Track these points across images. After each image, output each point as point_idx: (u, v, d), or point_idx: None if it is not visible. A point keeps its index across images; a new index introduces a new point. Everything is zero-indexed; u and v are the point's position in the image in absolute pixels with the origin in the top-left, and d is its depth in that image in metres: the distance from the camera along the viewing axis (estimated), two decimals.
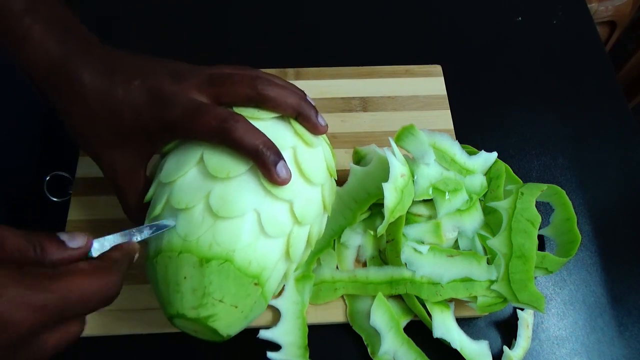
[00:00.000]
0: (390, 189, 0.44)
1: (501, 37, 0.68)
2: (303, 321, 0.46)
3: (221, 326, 0.35)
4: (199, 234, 0.35)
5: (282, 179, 0.36)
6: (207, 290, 0.34)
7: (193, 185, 0.36)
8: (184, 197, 0.36)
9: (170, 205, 0.37)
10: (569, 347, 0.49)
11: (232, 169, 0.36)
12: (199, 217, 0.35)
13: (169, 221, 0.36)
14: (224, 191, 0.36)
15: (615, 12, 1.07)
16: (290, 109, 0.38)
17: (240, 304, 0.36)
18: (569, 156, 0.59)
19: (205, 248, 0.35)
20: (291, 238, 0.38)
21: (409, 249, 0.47)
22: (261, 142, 0.36)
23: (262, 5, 0.69)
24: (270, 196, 0.37)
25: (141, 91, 0.36)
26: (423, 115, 0.59)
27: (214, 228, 0.35)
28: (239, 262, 0.35)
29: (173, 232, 0.36)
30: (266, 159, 0.35)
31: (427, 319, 0.46)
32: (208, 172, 0.36)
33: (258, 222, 0.36)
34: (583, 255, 0.54)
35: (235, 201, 0.36)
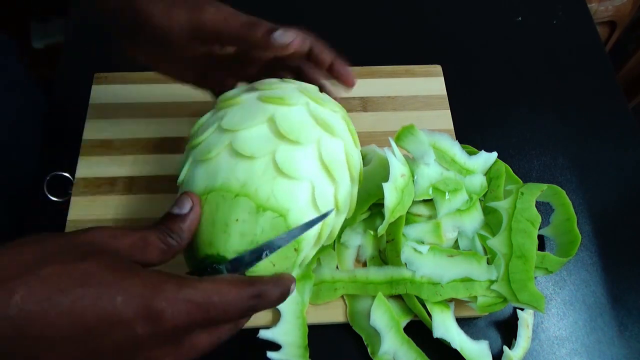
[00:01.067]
0: (390, 189, 0.45)
1: (501, 37, 0.68)
2: (303, 321, 0.46)
3: (231, 255, 0.35)
4: (259, 184, 0.36)
5: (353, 81, 0.44)
6: (255, 237, 0.35)
7: (260, 138, 0.38)
8: (249, 147, 0.37)
9: (232, 150, 0.37)
10: (569, 347, 0.49)
11: (303, 136, 0.38)
12: (261, 168, 0.36)
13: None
14: (290, 153, 0.37)
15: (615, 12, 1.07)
16: (329, 55, 0.44)
17: (277, 264, 0.36)
18: (569, 156, 0.59)
19: (263, 198, 0.35)
20: (328, 220, 0.39)
21: (409, 249, 0.47)
22: (319, 56, 0.42)
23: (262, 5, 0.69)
24: (324, 172, 0.39)
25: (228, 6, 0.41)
26: (423, 115, 0.59)
27: (274, 183, 0.36)
28: (290, 222, 0.36)
29: (231, 175, 0.36)
30: (339, 61, 0.44)
31: (427, 319, 0.46)
32: (279, 132, 0.38)
33: (312, 194, 0.38)
34: (583, 255, 0.54)
35: (299, 166, 0.37)
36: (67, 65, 0.63)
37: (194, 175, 0.38)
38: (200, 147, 0.40)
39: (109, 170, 0.54)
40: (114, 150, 0.55)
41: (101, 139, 0.55)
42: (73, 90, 0.61)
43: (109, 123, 0.56)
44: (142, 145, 0.55)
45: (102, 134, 0.56)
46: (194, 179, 0.38)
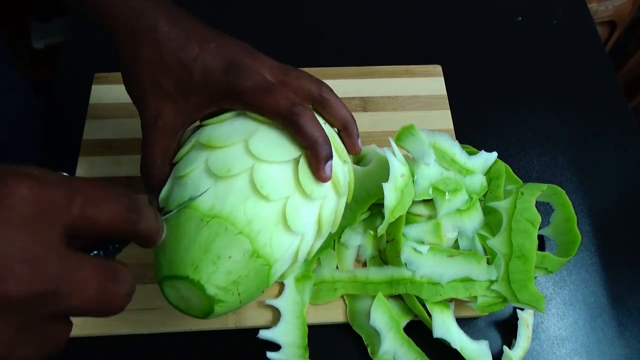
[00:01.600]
0: (390, 189, 0.45)
1: (501, 37, 0.68)
2: (303, 321, 0.46)
3: (219, 310, 0.35)
4: (262, 228, 0.35)
5: (326, 176, 0.38)
6: (239, 279, 0.34)
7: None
8: (268, 183, 0.36)
9: (251, 179, 0.36)
10: (569, 347, 0.49)
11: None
12: (268, 213, 0.36)
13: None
14: (299, 204, 0.37)
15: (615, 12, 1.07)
16: (341, 120, 0.41)
17: (242, 292, 0.35)
18: (569, 156, 0.59)
19: (261, 244, 0.35)
20: (305, 242, 0.38)
21: (409, 249, 0.47)
22: (321, 136, 0.37)
23: (262, 6, 0.69)
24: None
25: (217, 54, 0.37)
26: (423, 115, 0.59)
27: (275, 231, 0.36)
28: (272, 272, 0.36)
29: (241, 207, 0.35)
30: (321, 152, 0.37)
31: (427, 319, 0.46)
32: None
33: (298, 247, 0.38)
34: (583, 255, 0.54)
35: (301, 221, 0.37)
36: (67, 65, 0.63)
37: (200, 186, 0.36)
38: (181, 164, 0.39)
39: (109, 170, 0.54)
40: (114, 150, 0.55)
41: (101, 139, 0.55)
42: (73, 90, 0.61)
43: (109, 123, 0.56)
44: None
45: (102, 134, 0.56)
46: (200, 191, 0.36)
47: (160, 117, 0.38)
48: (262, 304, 0.47)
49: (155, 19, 0.37)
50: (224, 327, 0.47)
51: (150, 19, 0.37)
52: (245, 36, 0.66)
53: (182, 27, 0.38)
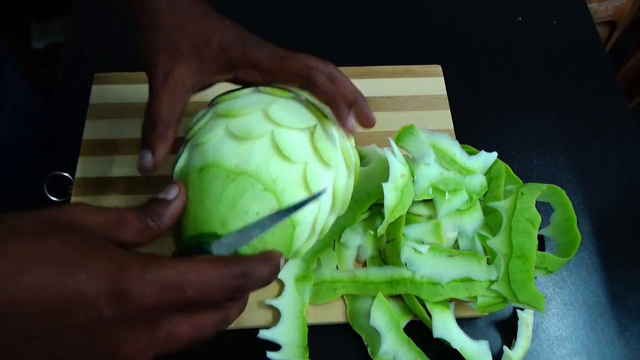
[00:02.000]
0: (390, 189, 0.45)
1: (501, 37, 0.68)
2: (303, 321, 0.46)
3: None
4: (286, 188, 0.36)
5: (352, 126, 0.40)
6: (266, 237, 0.35)
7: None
8: (290, 144, 0.37)
9: (272, 139, 0.37)
10: (569, 347, 0.49)
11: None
12: (294, 173, 0.37)
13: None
14: (319, 170, 0.38)
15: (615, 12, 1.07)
16: (352, 93, 0.42)
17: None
18: (569, 156, 0.59)
19: (285, 203, 0.36)
20: (321, 210, 0.39)
21: (409, 249, 0.47)
22: (338, 93, 0.40)
23: (262, 6, 0.69)
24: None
25: (234, 31, 0.40)
26: (423, 115, 0.59)
27: (298, 193, 0.37)
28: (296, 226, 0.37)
29: (266, 165, 0.36)
30: (342, 107, 0.40)
31: (427, 319, 0.46)
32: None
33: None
34: (583, 255, 0.54)
35: (320, 180, 0.38)
36: (67, 65, 0.63)
37: (223, 147, 0.37)
38: (201, 130, 0.39)
39: (109, 170, 0.54)
40: (114, 150, 0.55)
41: (101, 139, 0.55)
42: (73, 90, 0.60)
43: (109, 123, 0.56)
44: None
45: (102, 134, 0.56)
46: (223, 152, 0.36)
47: (172, 75, 0.38)
48: (262, 304, 0.47)
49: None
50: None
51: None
52: None
53: (201, 4, 0.41)
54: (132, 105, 0.57)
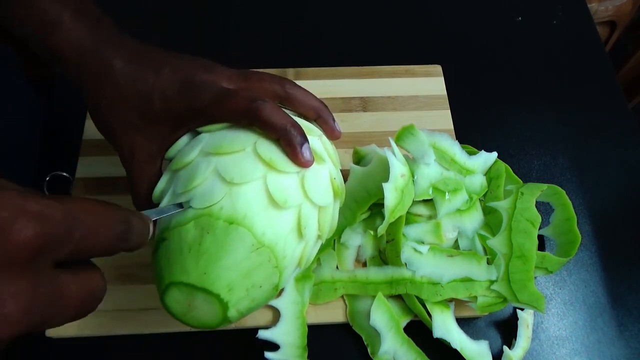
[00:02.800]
0: (390, 189, 0.45)
1: (501, 37, 0.68)
2: (303, 321, 0.46)
3: (219, 326, 0.35)
4: (286, 248, 0.36)
5: (306, 160, 0.37)
6: (255, 306, 0.35)
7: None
8: (282, 193, 0.36)
9: (267, 190, 0.36)
10: (569, 347, 0.49)
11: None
12: (287, 232, 0.36)
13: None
14: (310, 213, 0.38)
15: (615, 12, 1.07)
16: (312, 110, 0.41)
17: (256, 300, 0.36)
18: (569, 156, 0.59)
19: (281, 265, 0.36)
20: (308, 248, 0.38)
21: (409, 249, 0.47)
22: (289, 122, 0.37)
23: (263, 6, 0.69)
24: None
25: (172, 78, 0.38)
26: (423, 115, 0.59)
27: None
28: (281, 284, 0.37)
29: (267, 227, 0.35)
30: (293, 138, 0.37)
31: (427, 319, 0.46)
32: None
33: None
34: (583, 255, 0.54)
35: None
36: None
37: (214, 191, 0.35)
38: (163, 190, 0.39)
39: (109, 170, 0.54)
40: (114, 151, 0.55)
41: (101, 139, 0.55)
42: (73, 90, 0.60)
43: None
44: None
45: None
46: (252, 209, 0.35)
47: (134, 151, 0.39)
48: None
49: (110, 58, 0.37)
50: (223, 327, 0.47)
51: (105, 59, 0.37)
52: (245, 37, 0.66)
53: (136, 59, 0.38)
54: None
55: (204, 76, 0.38)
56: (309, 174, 0.38)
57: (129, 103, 0.38)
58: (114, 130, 0.39)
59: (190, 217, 0.34)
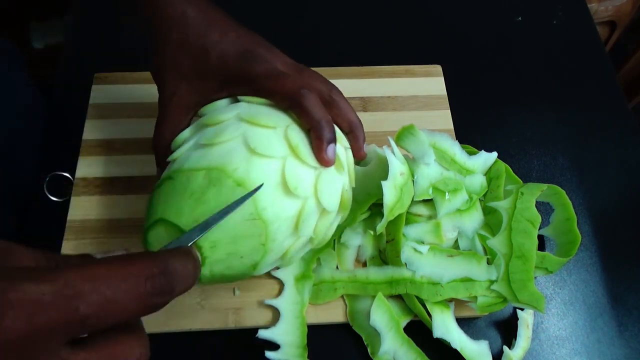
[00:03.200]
0: (389, 187, 0.44)
1: (501, 37, 0.68)
2: (302, 321, 0.46)
3: (205, 272, 0.34)
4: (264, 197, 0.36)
5: (329, 158, 0.38)
6: (235, 250, 0.35)
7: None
8: (265, 146, 0.37)
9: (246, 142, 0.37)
10: (569, 347, 0.49)
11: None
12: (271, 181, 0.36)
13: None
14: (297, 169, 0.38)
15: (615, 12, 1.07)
16: (347, 122, 0.42)
17: (245, 255, 0.35)
18: (569, 156, 0.59)
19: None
20: (306, 206, 0.38)
21: (409, 249, 0.47)
22: (325, 118, 0.38)
23: (263, 6, 0.69)
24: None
25: (235, 42, 0.40)
26: (423, 115, 0.59)
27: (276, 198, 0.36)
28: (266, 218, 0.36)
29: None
30: (324, 133, 0.38)
31: (427, 319, 0.46)
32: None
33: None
34: (583, 255, 0.54)
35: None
36: (67, 65, 0.63)
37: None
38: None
39: (109, 170, 0.54)
40: (114, 150, 0.55)
41: (101, 139, 0.55)
42: (73, 90, 0.61)
43: (109, 123, 0.56)
44: (142, 145, 0.55)
45: (102, 134, 0.56)
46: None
47: (176, 95, 0.40)
48: (262, 304, 0.47)
49: (184, 7, 0.39)
50: (224, 327, 0.47)
51: (179, 6, 0.39)
52: None
53: (207, 15, 0.40)
54: (132, 105, 0.57)
55: (265, 52, 0.40)
56: (326, 175, 0.39)
57: (190, 51, 0.39)
58: (166, 72, 0.41)
59: (204, 167, 0.35)
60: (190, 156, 0.37)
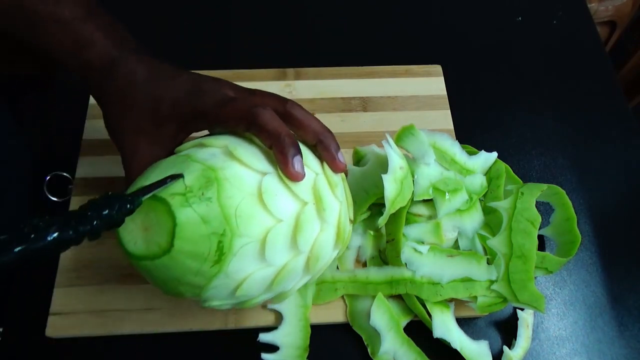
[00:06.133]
0: (389, 180, 0.44)
1: (501, 37, 0.68)
2: (306, 323, 0.46)
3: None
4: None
5: (296, 172, 0.36)
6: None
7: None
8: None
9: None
10: (569, 347, 0.49)
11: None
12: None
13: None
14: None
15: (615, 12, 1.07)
16: (312, 133, 0.39)
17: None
18: (569, 156, 0.59)
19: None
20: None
21: (409, 249, 0.47)
22: (284, 132, 0.36)
23: (263, 6, 0.69)
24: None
25: (183, 83, 0.40)
26: (423, 115, 0.59)
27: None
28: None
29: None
30: (285, 147, 0.36)
31: (427, 319, 0.46)
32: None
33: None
34: (583, 255, 0.54)
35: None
36: None
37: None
38: None
39: (109, 170, 0.54)
40: (114, 150, 0.54)
41: (101, 139, 0.55)
42: (73, 90, 0.61)
43: None
44: None
45: (102, 134, 0.55)
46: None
47: (137, 153, 0.40)
48: (265, 307, 0.47)
49: (134, 71, 0.40)
50: (223, 327, 0.47)
51: (131, 71, 0.40)
52: (245, 37, 0.66)
53: (155, 71, 0.40)
54: None
55: (211, 85, 0.40)
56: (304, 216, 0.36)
57: (143, 108, 0.40)
58: (122, 133, 0.41)
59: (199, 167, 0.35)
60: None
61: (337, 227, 0.38)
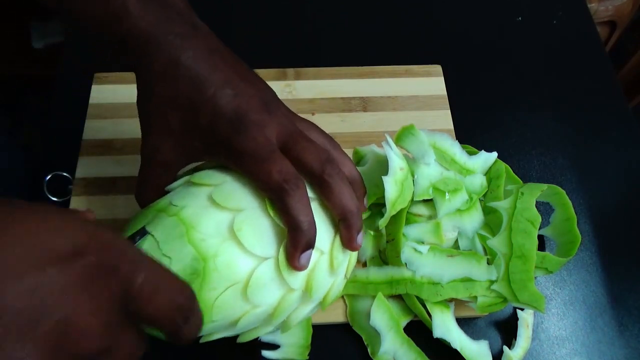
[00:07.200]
0: (390, 182, 0.44)
1: (501, 37, 0.68)
2: (308, 322, 0.46)
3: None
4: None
5: (300, 266, 0.35)
6: None
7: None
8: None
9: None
10: (569, 347, 0.49)
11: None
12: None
13: None
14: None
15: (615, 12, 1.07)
16: (340, 209, 0.37)
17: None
18: (569, 156, 0.59)
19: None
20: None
21: (409, 249, 0.47)
22: (307, 221, 0.34)
23: (263, 6, 0.69)
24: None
25: (229, 102, 0.35)
26: (423, 115, 0.59)
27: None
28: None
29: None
30: (301, 240, 0.34)
31: (427, 319, 0.46)
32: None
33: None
34: (583, 255, 0.54)
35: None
36: (67, 65, 0.63)
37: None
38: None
39: (109, 170, 0.54)
40: (114, 150, 0.55)
41: (101, 139, 0.55)
42: (73, 90, 0.61)
43: (109, 123, 0.56)
44: None
45: (102, 134, 0.56)
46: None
47: (159, 151, 0.37)
48: None
49: (177, 54, 0.35)
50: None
51: (173, 54, 0.35)
52: (245, 36, 0.66)
53: (205, 63, 0.36)
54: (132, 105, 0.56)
55: (258, 117, 0.35)
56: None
57: (179, 107, 0.36)
58: (151, 125, 0.37)
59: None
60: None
61: (323, 299, 0.39)
